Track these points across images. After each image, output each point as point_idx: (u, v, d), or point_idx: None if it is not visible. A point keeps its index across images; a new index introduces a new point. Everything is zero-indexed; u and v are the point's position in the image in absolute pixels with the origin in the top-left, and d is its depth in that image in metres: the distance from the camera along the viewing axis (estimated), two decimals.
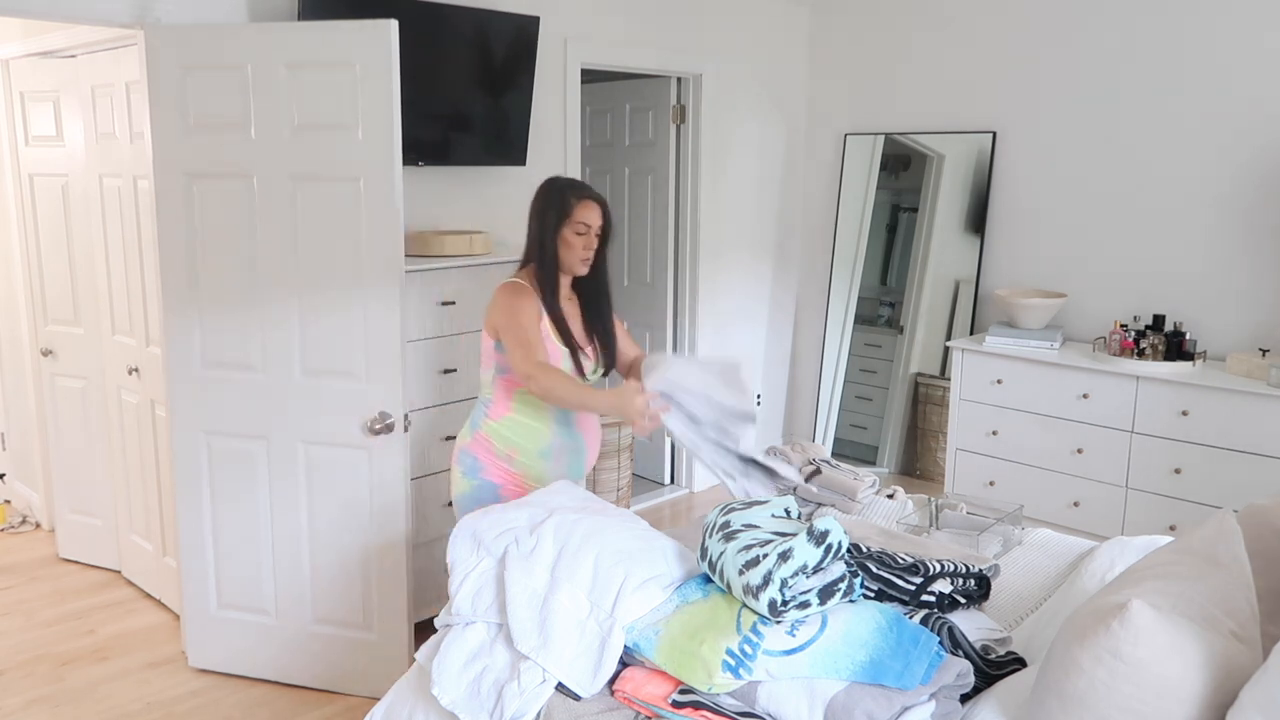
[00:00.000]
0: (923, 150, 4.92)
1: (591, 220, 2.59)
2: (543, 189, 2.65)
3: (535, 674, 1.89)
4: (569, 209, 2.57)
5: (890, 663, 1.70)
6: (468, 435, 2.69)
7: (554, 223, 2.58)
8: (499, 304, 2.59)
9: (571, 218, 2.57)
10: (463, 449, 2.69)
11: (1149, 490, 3.89)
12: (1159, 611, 1.50)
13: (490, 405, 2.67)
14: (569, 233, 2.58)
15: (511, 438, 2.62)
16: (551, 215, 2.58)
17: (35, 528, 4.50)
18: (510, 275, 2.68)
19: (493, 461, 2.63)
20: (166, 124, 2.95)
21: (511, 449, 2.63)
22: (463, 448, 2.69)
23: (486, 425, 2.65)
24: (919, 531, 2.70)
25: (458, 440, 2.73)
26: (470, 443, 2.67)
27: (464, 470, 2.67)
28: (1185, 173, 4.13)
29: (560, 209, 2.58)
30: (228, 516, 3.13)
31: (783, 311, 5.45)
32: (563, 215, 2.57)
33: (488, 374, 2.69)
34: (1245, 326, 4.03)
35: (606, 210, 2.63)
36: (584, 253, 2.60)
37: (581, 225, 2.58)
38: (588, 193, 2.61)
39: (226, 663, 3.23)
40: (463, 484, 2.67)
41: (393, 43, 2.77)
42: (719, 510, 2.06)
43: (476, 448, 2.65)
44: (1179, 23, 4.08)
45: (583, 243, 2.59)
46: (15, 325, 4.39)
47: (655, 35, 4.52)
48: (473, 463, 2.65)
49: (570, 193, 2.59)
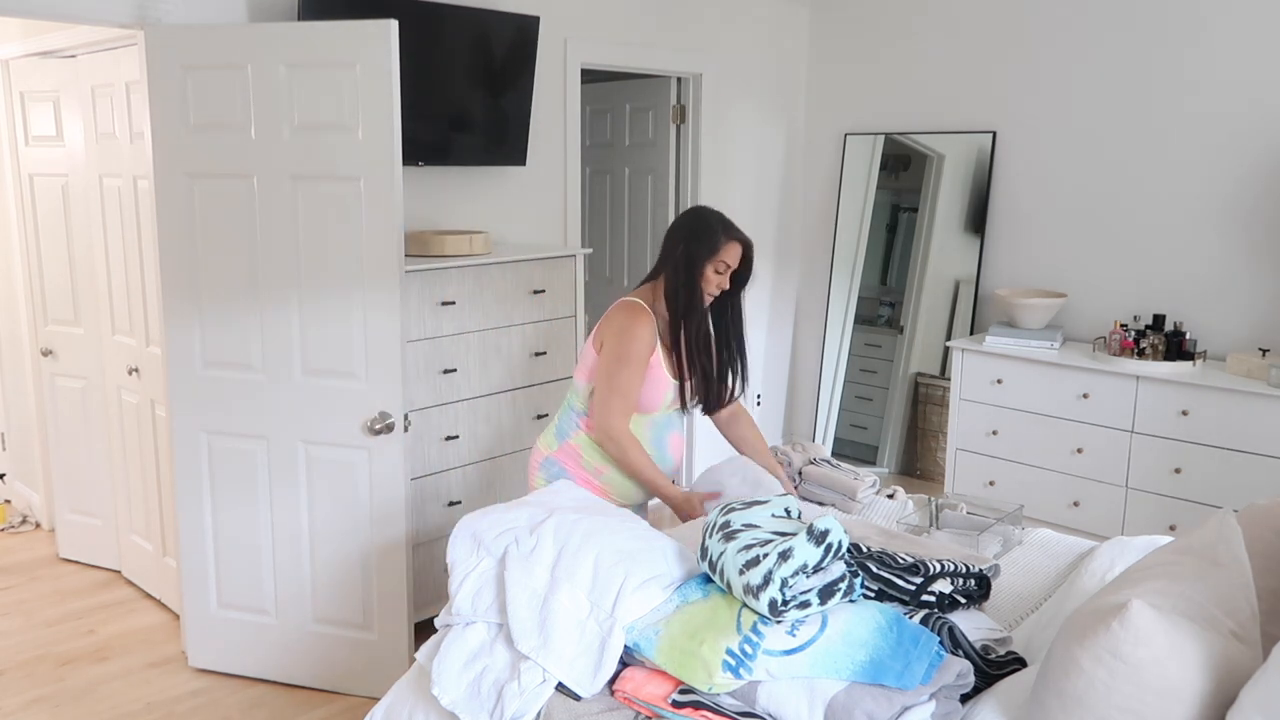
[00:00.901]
0: (923, 150, 4.92)
1: (734, 260, 2.60)
2: (692, 216, 2.64)
3: (535, 674, 1.89)
4: (717, 246, 2.57)
5: (890, 663, 1.70)
6: (554, 444, 2.67)
7: (701, 256, 2.57)
8: (615, 323, 2.58)
9: (717, 255, 2.57)
10: (548, 457, 2.67)
11: (1149, 490, 3.89)
12: (1159, 611, 1.49)
13: (585, 416, 2.66)
14: (710, 269, 2.58)
15: (600, 454, 2.62)
16: (697, 248, 2.57)
17: (35, 528, 4.50)
18: (631, 292, 2.66)
19: (580, 473, 2.62)
20: (166, 124, 2.95)
21: (601, 464, 2.61)
22: (548, 456, 2.67)
23: (578, 436, 2.63)
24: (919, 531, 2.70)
25: (539, 446, 2.72)
26: (557, 452, 2.65)
27: (547, 479, 2.65)
28: (1185, 173, 4.13)
29: (710, 245, 2.57)
30: (228, 516, 3.13)
31: (783, 311, 5.46)
32: (711, 251, 2.57)
33: (585, 386, 2.66)
34: (1245, 326, 4.03)
35: (749, 254, 2.63)
36: (714, 290, 2.61)
37: (723, 264, 2.59)
38: (740, 235, 2.62)
39: (226, 663, 3.23)
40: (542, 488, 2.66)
41: (393, 43, 2.77)
42: (719, 510, 2.06)
43: (564, 458, 2.63)
44: (1179, 23, 4.08)
45: (718, 281, 2.60)
46: (15, 325, 4.39)
47: (655, 35, 4.52)
48: (559, 472, 2.64)
49: (721, 230, 2.59)
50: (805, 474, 3.05)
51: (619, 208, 5.13)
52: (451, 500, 3.49)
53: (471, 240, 3.48)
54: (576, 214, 4.33)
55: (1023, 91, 4.56)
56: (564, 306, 3.78)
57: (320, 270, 2.92)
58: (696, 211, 2.68)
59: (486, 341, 3.52)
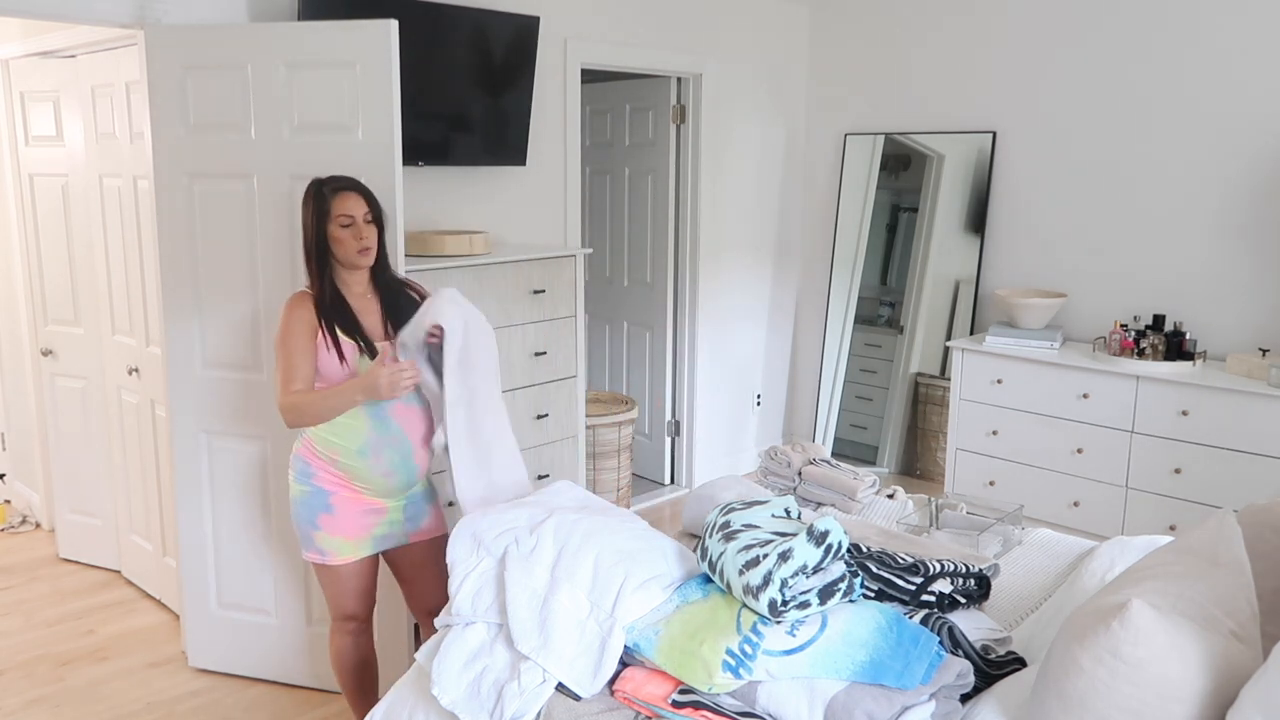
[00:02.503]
0: (923, 150, 4.92)
1: (354, 210, 2.49)
2: (305, 193, 2.55)
3: (535, 674, 1.90)
4: (327, 204, 2.48)
5: (890, 662, 1.70)
6: (299, 440, 2.60)
7: (318, 222, 2.48)
8: (281, 313, 2.53)
9: (331, 213, 2.47)
10: (295, 454, 2.58)
11: (1149, 490, 3.89)
12: (1159, 611, 1.50)
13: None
14: (334, 228, 2.48)
15: (331, 439, 2.51)
16: (310, 216, 2.49)
17: (35, 528, 4.50)
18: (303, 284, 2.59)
19: (320, 465, 2.53)
20: (166, 124, 2.95)
21: (333, 450, 2.51)
22: (295, 452, 2.59)
23: (312, 429, 2.53)
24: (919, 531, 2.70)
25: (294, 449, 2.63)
26: (301, 447, 2.57)
27: (296, 475, 2.56)
28: (1185, 172, 4.13)
29: (319, 208, 2.48)
30: (228, 516, 3.13)
31: (783, 311, 5.46)
32: (322, 213, 2.48)
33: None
34: (1245, 326, 4.04)
35: (369, 196, 2.53)
36: (357, 244, 2.49)
37: (345, 218, 2.47)
38: (343, 183, 2.52)
39: (226, 663, 3.23)
40: (295, 489, 2.56)
41: (393, 43, 2.77)
42: (719, 510, 2.06)
43: (305, 452, 2.55)
44: (1179, 22, 4.08)
45: (351, 234, 2.48)
46: (15, 325, 4.39)
47: (655, 35, 4.52)
48: (304, 468, 2.54)
49: (326, 187, 2.50)
50: (805, 474, 3.05)
51: (619, 208, 5.13)
52: (451, 501, 3.49)
53: (471, 240, 3.48)
54: (576, 214, 4.33)
55: (1023, 91, 4.56)
56: (564, 306, 3.78)
57: None
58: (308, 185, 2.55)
59: None
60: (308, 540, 2.56)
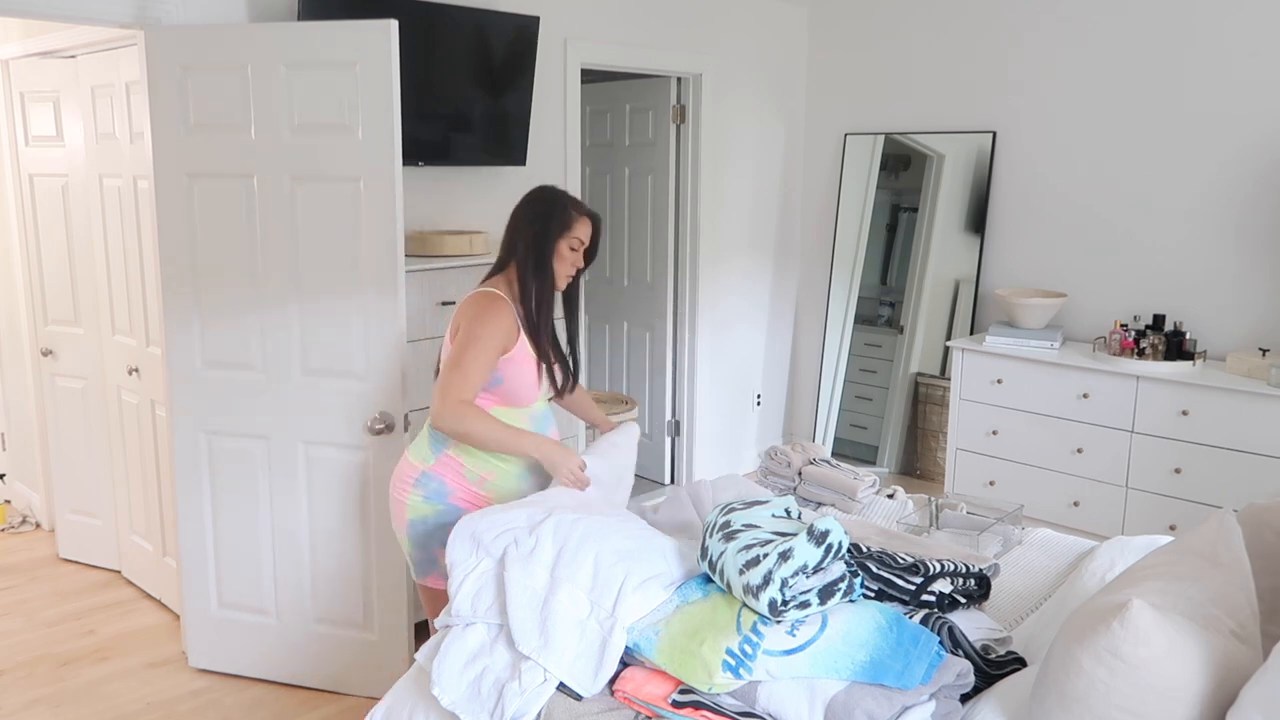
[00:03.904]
0: (923, 150, 4.92)
1: (586, 237, 2.50)
2: (538, 198, 2.52)
3: (536, 674, 1.89)
4: (569, 222, 2.47)
5: (890, 662, 1.70)
6: (429, 457, 2.45)
7: (553, 234, 2.46)
8: (469, 311, 2.42)
9: (570, 231, 2.47)
10: (425, 472, 2.44)
11: (1149, 490, 3.89)
12: (1159, 611, 1.50)
13: None
14: (564, 246, 2.47)
15: (489, 458, 2.44)
16: (551, 225, 2.46)
17: (35, 528, 4.50)
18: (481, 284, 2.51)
19: (463, 486, 2.44)
20: (166, 124, 2.95)
21: (488, 470, 2.44)
22: (425, 470, 2.44)
23: (458, 447, 2.43)
24: (919, 531, 2.70)
25: (410, 460, 2.48)
26: (435, 465, 2.44)
27: (424, 496, 2.44)
28: (1185, 172, 4.13)
29: (562, 221, 2.47)
30: (228, 516, 3.13)
31: (783, 311, 5.46)
32: (563, 227, 2.46)
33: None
34: (1245, 326, 4.04)
35: (599, 229, 2.55)
36: (572, 269, 2.51)
37: (577, 240, 2.48)
38: (585, 209, 2.52)
39: (226, 663, 3.23)
40: (420, 509, 2.44)
41: (393, 43, 2.77)
42: (719, 510, 2.06)
43: (445, 471, 2.44)
44: (1179, 22, 4.08)
45: (573, 259, 2.49)
46: (15, 325, 4.39)
47: (655, 35, 4.52)
48: (440, 487, 2.43)
49: (571, 206, 2.49)
50: (805, 474, 3.05)
51: (619, 208, 5.13)
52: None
53: (471, 240, 3.48)
54: None
55: (1023, 91, 4.56)
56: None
57: (320, 270, 2.91)
58: (541, 191, 2.54)
59: None
60: (431, 563, 2.46)
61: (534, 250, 2.47)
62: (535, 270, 2.46)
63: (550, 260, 2.47)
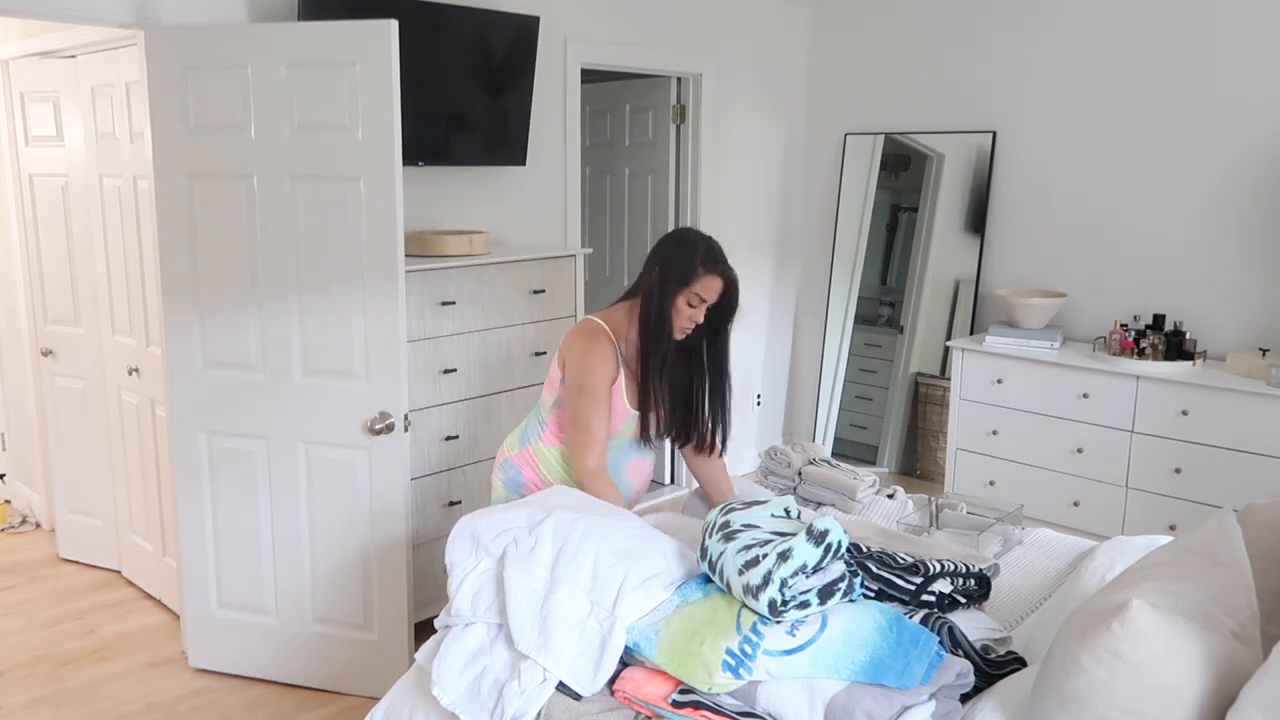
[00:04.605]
0: (923, 150, 4.92)
1: (711, 295, 2.39)
2: (672, 239, 2.43)
3: (536, 674, 1.89)
4: (691, 277, 2.36)
5: (890, 662, 1.70)
6: (516, 446, 2.63)
7: (671, 285, 2.38)
8: (575, 349, 2.43)
9: (690, 287, 2.37)
10: (509, 459, 2.62)
11: (1149, 490, 3.89)
12: (1159, 611, 1.49)
13: (544, 428, 2.62)
14: (682, 300, 2.38)
15: (556, 467, 2.58)
16: (670, 274, 2.37)
17: (35, 528, 4.50)
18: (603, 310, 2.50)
19: (534, 479, 2.59)
20: (166, 124, 2.95)
21: (553, 476, 2.58)
22: (509, 457, 2.62)
23: (536, 445, 2.60)
24: (919, 531, 2.70)
25: (506, 445, 2.67)
26: (518, 455, 2.61)
27: (504, 481, 2.63)
28: (1185, 172, 4.13)
29: (682, 274, 2.37)
30: (228, 516, 3.13)
31: (783, 311, 5.46)
32: (683, 282, 2.37)
33: (550, 398, 2.60)
34: (1245, 326, 4.03)
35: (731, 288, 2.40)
36: (688, 324, 2.41)
37: (697, 297, 2.38)
38: (718, 265, 2.38)
39: (226, 663, 3.23)
40: (502, 493, 2.63)
41: (393, 43, 2.76)
42: (719, 510, 2.06)
43: (522, 462, 2.60)
44: (1179, 22, 4.08)
45: (691, 314, 2.40)
46: (15, 325, 4.39)
47: (655, 35, 4.52)
48: (516, 476, 2.61)
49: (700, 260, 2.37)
50: (805, 474, 3.05)
51: (619, 208, 5.13)
52: (451, 500, 3.49)
53: (471, 240, 3.48)
54: (576, 214, 4.33)
55: (1023, 91, 4.56)
56: (564, 307, 3.79)
57: (320, 270, 2.92)
58: (681, 235, 2.46)
59: (486, 341, 3.52)
60: None
61: (654, 294, 2.41)
62: (654, 314, 2.40)
63: (668, 309, 2.40)
